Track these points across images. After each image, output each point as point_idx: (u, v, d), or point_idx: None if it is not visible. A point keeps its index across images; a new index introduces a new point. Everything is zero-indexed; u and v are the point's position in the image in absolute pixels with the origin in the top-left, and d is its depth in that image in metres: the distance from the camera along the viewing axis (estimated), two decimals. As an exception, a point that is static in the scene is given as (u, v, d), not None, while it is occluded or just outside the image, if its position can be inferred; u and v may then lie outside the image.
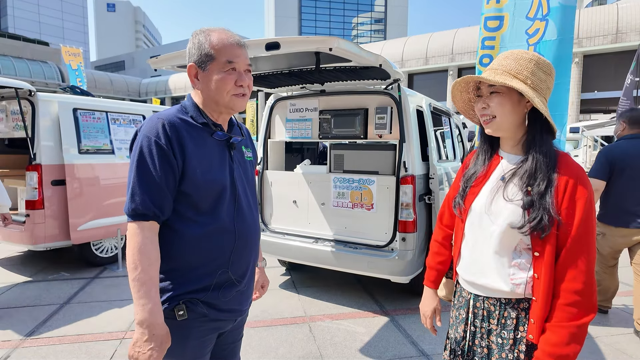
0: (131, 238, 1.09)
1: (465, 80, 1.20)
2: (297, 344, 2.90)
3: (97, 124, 4.49)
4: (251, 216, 1.30)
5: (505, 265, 1.14)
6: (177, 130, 1.13)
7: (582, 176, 1.07)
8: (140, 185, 1.09)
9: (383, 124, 3.42)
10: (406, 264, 3.20)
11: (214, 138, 1.22)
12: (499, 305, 1.16)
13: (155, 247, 1.10)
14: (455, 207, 1.29)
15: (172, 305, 1.15)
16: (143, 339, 1.04)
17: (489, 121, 1.16)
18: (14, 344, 2.83)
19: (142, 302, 1.05)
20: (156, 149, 1.10)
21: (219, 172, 1.20)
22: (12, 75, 28.03)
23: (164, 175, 1.10)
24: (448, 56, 25.45)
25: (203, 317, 1.19)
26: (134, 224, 1.09)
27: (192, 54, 1.19)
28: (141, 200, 1.08)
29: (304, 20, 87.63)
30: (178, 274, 1.17)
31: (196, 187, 1.15)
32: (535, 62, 1.12)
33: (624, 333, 3.10)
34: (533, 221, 1.05)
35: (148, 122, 1.14)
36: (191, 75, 1.20)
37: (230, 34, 1.19)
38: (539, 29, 2.97)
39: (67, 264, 4.66)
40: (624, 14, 20.26)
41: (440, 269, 1.45)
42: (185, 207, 1.16)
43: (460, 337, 1.27)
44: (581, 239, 1.04)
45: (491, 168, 1.23)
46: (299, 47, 2.39)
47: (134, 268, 1.06)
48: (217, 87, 1.16)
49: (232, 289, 1.24)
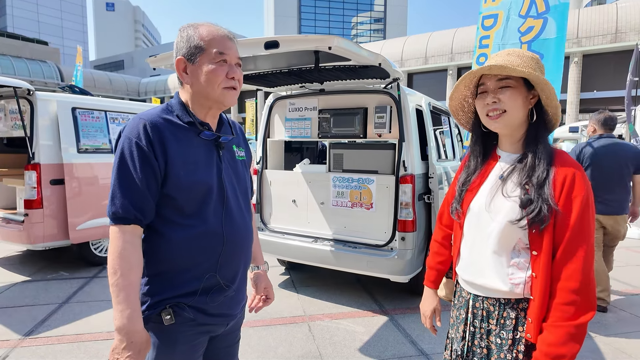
0: (112, 242, 1.06)
1: (474, 74, 1.16)
2: (297, 343, 2.90)
3: (96, 123, 4.48)
4: (242, 219, 1.25)
5: (504, 265, 1.13)
6: (160, 130, 1.10)
7: (580, 173, 1.06)
8: (121, 188, 1.07)
9: (382, 123, 3.42)
10: (405, 263, 3.20)
11: (201, 138, 1.18)
12: (498, 305, 1.15)
13: (137, 251, 1.08)
14: (453, 212, 1.29)
15: (158, 310, 1.12)
16: (121, 346, 1.02)
17: (498, 116, 1.13)
18: (13, 344, 2.83)
19: (121, 307, 1.02)
20: (137, 151, 1.06)
21: (204, 173, 1.16)
22: (11, 75, 28.00)
23: (145, 177, 1.07)
24: (447, 56, 25.44)
25: (191, 322, 1.16)
26: (115, 228, 1.07)
27: (180, 48, 1.15)
28: (121, 204, 1.06)
29: (304, 20, 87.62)
30: (165, 278, 1.14)
31: (180, 190, 1.11)
32: (536, 60, 1.15)
33: (623, 332, 3.10)
34: (532, 213, 1.04)
35: (130, 122, 1.11)
36: (179, 69, 1.15)
37: (219, 27, 1.16)
38: (534, 26, 2.96)
39: (66, 264, 4.65)
40: (623, 13, 20.27)
41: (440, 269, 1.45)
42: (169, 210, 1.13)
43: (460, 338, 1.26)
44: (577, 237, 1.03)
45: (489, 168, 1.23)
46: (298, 45, 2.39)
47: (113, 273, 1.04)
48: (208, 79, 1.12)
49: (221, 293, 1.20)
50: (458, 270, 1.29)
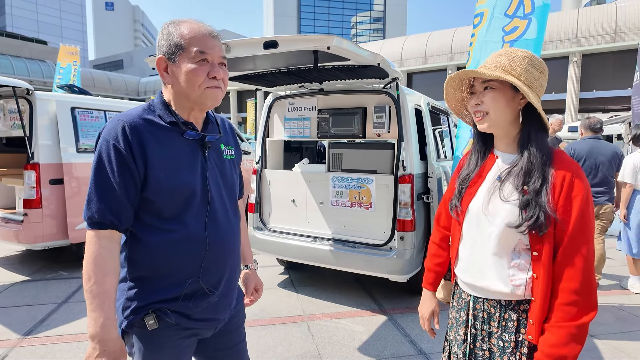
0: (87, 247, 1.03)
1: (459, 77, 1.18)
2: (296, 342, 2.90)
3: (96, 122, 4.48)
4: (227, 222, 1.20)
5: (504, 266, 1.12)
6: (139, 132, 1.06)
7: (579, 173, 1.06)
8: (97, 193, 1.04)
9: (381, 123, 3.42)
10: (404, 263, 3.20)
11: (184, 138, 1.13)
12: (499, 307, 1.14)
13: (113, 257, 1.05)
14: (452, 209, 1.27)
15: (142, 315, 1.10)
16: (94, 355, 0.99)
17: (481, 117, 1.15)
18: (12, 343, 2.83)
19: (94, 315, 1.00)
20: (115, 154, 1.03)
21: (187, 175, 1.11)
22: (10, 74, 27.96)
23: (123, 182, 1.03)
24: (447, 55, 25.44)
25: (175, 326, 1.13)
26: (91, 232, 1.04)
27: (161, 46, 1.11)
28: (97, 209, 1.03)
29: (303, 20, 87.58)
30: (146, 283, 1.11)
31: (160, 193, 1.08)
32: (529, 59, 1.12)
33: (622, 331, 3.11)
34: (530, 220, 1.04)
35: (109, 124, 1.07)
36: (160, 69, 1.11)
37: (202, 24, 1.11)
38: (519, 26, 2.95)
39: (66, 263, 4.65)
40: (622, 13, 20.27)
41: (438, 270, 1.43)
42: (148, 214, 1.09)
43: (462, 340, 1.25)
44: (578, 237, 1.03)
45: (486, 168, 1.22)
46: (297, 45, 2.38)
47: (87, 279, 1.01)
48: (188, 79, 1.08)
49: (204, 299, 1.16)
50: (457, 272, 1.28)
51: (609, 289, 4.05)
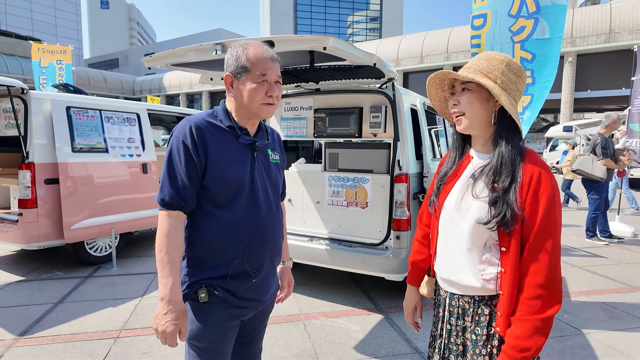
0: (160, 224, 1.25)
1: (439, 77, 1.23)
2: (292, 341, 2.91)
3: (91, 122, 4.46)
4: (270, 214, 1.39)
5: (476, 261, 1.17)
6: (202, 132, 1.27)
7: (546, 173, 1.09)
8: (169, 179, 1.25)
9: (377, 123, 3.43)
10: (400, 262, 3.22)
11: (239, 141, 1.34)
12: (473, 302, 1.19)
13: (179, 234, 1.26)
14: (430, 204, 1.33)
15: (195, 288, 1.29)
16: (162, 313, 1.19)
17: (457, 118, 1.20)
18: (7, 344, 2.82)
19: (164, 280, 1.20)
20: (183, 149, 1.25)
21: (238, 170, 1.31)
22: (4, 73, 27.75)
23: (188, 171, 1.24)
24: (443, 55, 25.54)
25: (224, 303, 1.31)
26: (163, 212, 1.26)
27: (229, 65, 1.32)
28: (168, 192, 1.25)
29: (299, 19, 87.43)
30: (201, 261, 1.31)
31: (215, 182, 1.27)
32: (506, 63, 1.16)
33: (617, 329, 3.14)
34: (497, 216, 1.08)
35: (180, 124, 1.30)
36: (227, 83, 1.33)
37: (266, 49, 1.33)
38: (525, 26, 2.98)
39: (61, 263, 4.63)
40: (617, 13, 20.43)
41: (421, 267, 1.49)
42: (206, 200, 1.29)
43: (438, 335, 1.31)
44: (544, 234, 1.07)
45: (462, 166, 1.26)
46: (294, 46, 2.39)
47: (159, 250, 1.22)
48: (250, 95, 1.29)
49: (248, 279, 1.34)
50: (435, 268, 1.33)
51: (601, 287, 4.08)
